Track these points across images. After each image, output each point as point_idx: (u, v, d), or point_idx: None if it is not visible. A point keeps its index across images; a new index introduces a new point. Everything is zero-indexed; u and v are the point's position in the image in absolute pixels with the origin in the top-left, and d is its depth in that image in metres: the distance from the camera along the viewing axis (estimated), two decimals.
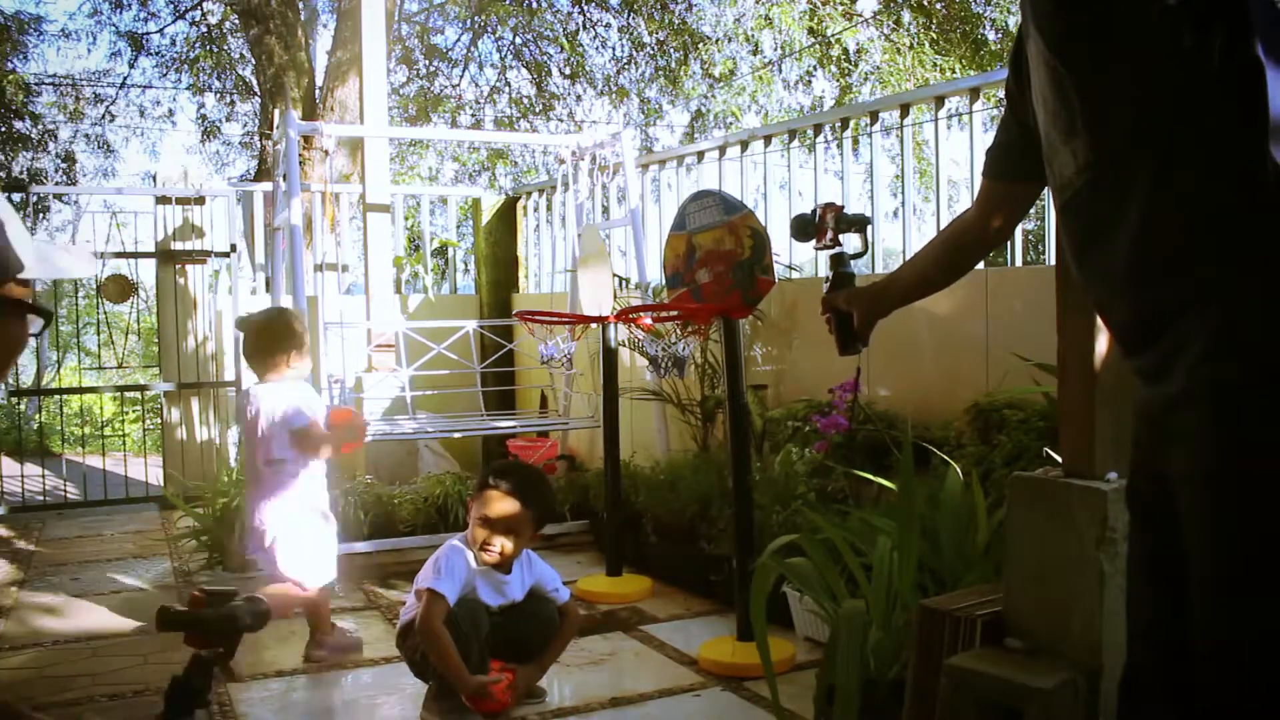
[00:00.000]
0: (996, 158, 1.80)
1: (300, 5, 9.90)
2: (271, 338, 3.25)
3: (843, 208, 2.41)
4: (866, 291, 2.14)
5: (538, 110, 13.09)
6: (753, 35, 10.97)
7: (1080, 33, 1.32)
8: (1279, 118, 1.17)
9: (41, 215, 11.50)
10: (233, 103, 13.13)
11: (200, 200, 6.23)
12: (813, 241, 2.33)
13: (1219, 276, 1.22)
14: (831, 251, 2.36)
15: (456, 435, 5.19)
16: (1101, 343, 1.85)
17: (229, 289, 6.31)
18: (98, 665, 3.30)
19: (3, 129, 11.20)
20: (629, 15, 12.00)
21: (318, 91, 9.15)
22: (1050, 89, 1.40)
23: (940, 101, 4.06)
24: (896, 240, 4.34)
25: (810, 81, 11.57)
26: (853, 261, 2.37)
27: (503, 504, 2.77)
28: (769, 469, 3.83)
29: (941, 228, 2.41)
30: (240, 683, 3.12)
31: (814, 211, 2.40)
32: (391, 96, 12.07)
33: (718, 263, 3.35)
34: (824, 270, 5.02)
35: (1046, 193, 1.69)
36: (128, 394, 7.04)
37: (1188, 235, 1.24)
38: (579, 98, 13.09)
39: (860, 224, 2.41)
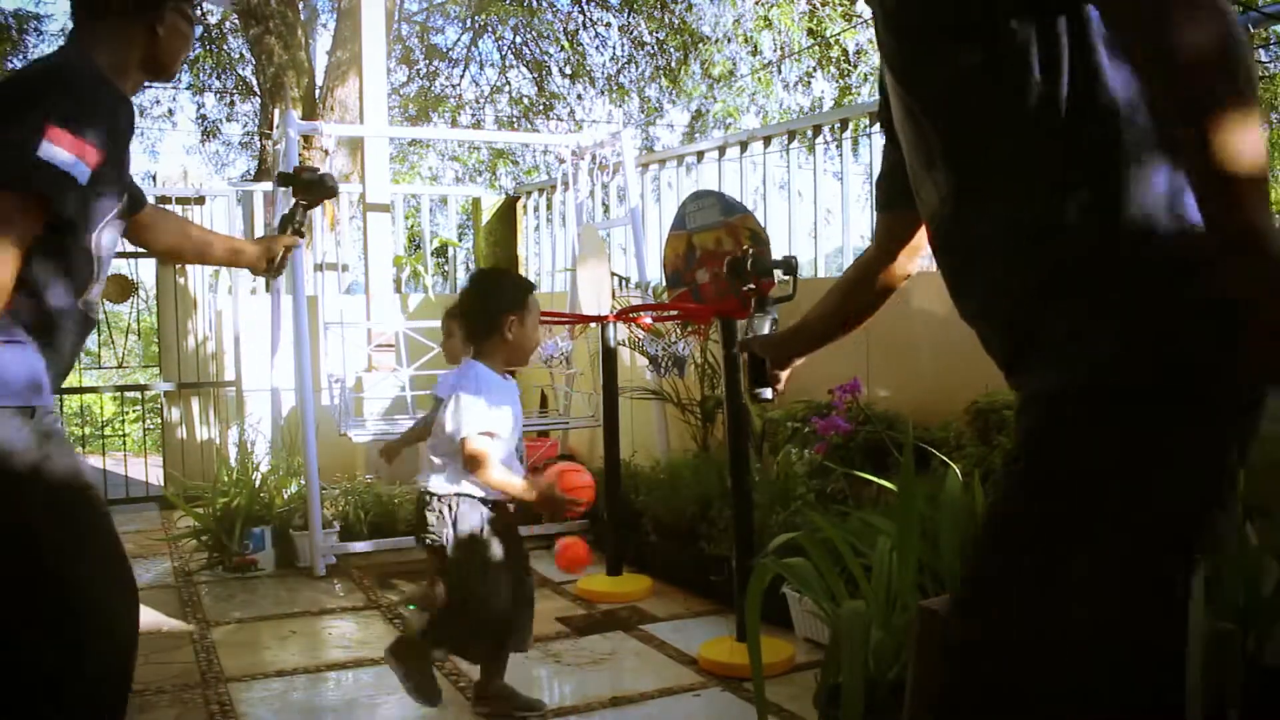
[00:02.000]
0: (883, 188, 1.77)
1: (300, 5, 9.90)
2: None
3: (763, 253, 2.45)
4: (778, 338, 2.16)
5: (538, 110, 13.09)
6: (752, 36, 10.98)
7: (926, 65, 1.30)
8: (1127, 148, 1.18)
9: None
10: (233, 103, 13.13)
11: (200, 200, 6.23)
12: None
13: (1064, 307, 1.23)
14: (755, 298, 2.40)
15: None
16: None
17: (229, 289, 6.31)
18: None
19: None
20: (629, 15, 12.01)
21: (318, 91, 9.16)
22: (907, 120, 1.38)
23: None
24: None
25: (810, 82, 11.58)
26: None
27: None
28: (768, 469, 3.83)
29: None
30: (241, 683, 3.12)
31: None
32: (392, 96, 12.08)
33: (717, 263, 3.35)
34: (824, 270, 5.04)
35: None
36: (128, 394, 7.04)
37: (1036, 266, 1.25)
38: (579, 97, 13.10)
39: (786, 267, 2.43)
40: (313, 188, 2.56)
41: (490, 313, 2.74)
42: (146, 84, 2.07)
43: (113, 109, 1.82)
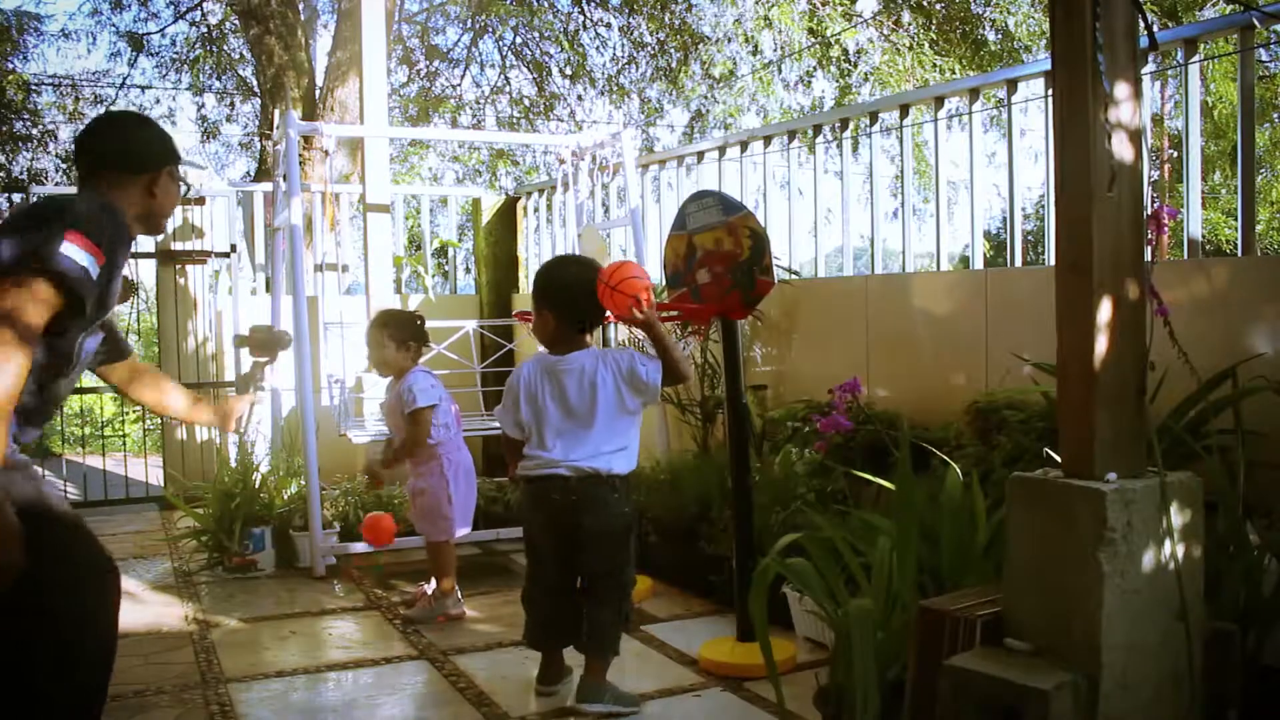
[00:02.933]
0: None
1: (300, 5, 9.90)
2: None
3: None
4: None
5: (539, 110, 13.09)
6: (752, 36, 10.97)
7: None
8: None
9: None
10: (233, 103, 13.13)
11: (200, 201, 6.23)
12: None
13: None
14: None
15: None
16: (1101, 343, 1.85)
17: (229, 289, 6.30)
18: None
19: (3, 129, 11.20)
20: (629, 15, 12.00)
21: (318, 92, 9.15)
22: None
23: (940, 102, 4.06)
24: (896, 241, 4.35)
25: (810, 82, 11.57)
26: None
27: None
28: (769, 469, 3.83)
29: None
30: (241, 683, 3.12)
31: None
32: (392, 97, 12.08)
33: (717, 263, 3.35)
34: (823, 271, 5.04)
35: (1047, 192, 1.69)
36: None
37: None
38: (580, 98, 13.09)
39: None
40: (268, 345, 2.86)
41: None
42: (144, 235, 2.37)
43: (119, 234, 2.09)
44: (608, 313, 2.91)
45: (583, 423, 2.87)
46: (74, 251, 1.95)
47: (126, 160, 2.24)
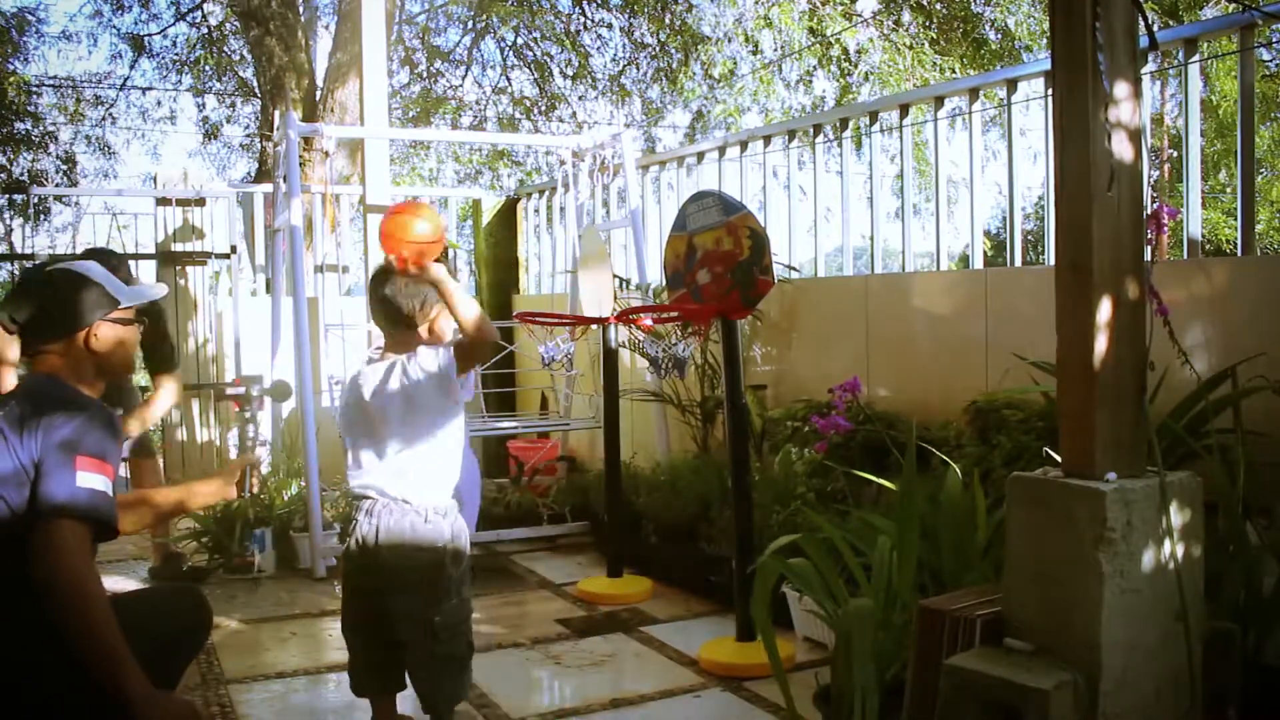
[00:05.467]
0: None
1: (300, 7, 9.90)
2: None
3: None
4: None
5: (540, 111, 13.09)
6: (753, 35, 10.97)
7: None
8: None
9: (42, 217, 11.50)
10: (233, 105, 13.14)
11: (201, 202, 6.23)
12: None
13: None
14: None
15: None
16: (1101, 343, 1.85)
17: (229, 290, 6.30)
18: None
19: (3, 130, 11.20)
20: (630, 15, 12.00)
21: (318, 93, 9.15)
22: None
23: (940, 102, 4.06)
24: (896, 240, 4.35)
25: (810, 82, 11.57)
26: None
27: None
28: (768, 469, 3.83)
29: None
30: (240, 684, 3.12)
31: None
32: (393, 98, 12.08)
33: (717, 263, 3.35)
34: (823, 271, 5.04)
35: (1047, 192, 1.70)
36: None
37: None
38: (581, 98, 13.09)
39: None
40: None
41: None
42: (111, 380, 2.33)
43: (113, 435, 2.13)
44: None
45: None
46: (89, 480, 2.00)
47: (47, 330, 2.18)
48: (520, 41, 12.86)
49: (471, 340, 2.42)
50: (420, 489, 2.47)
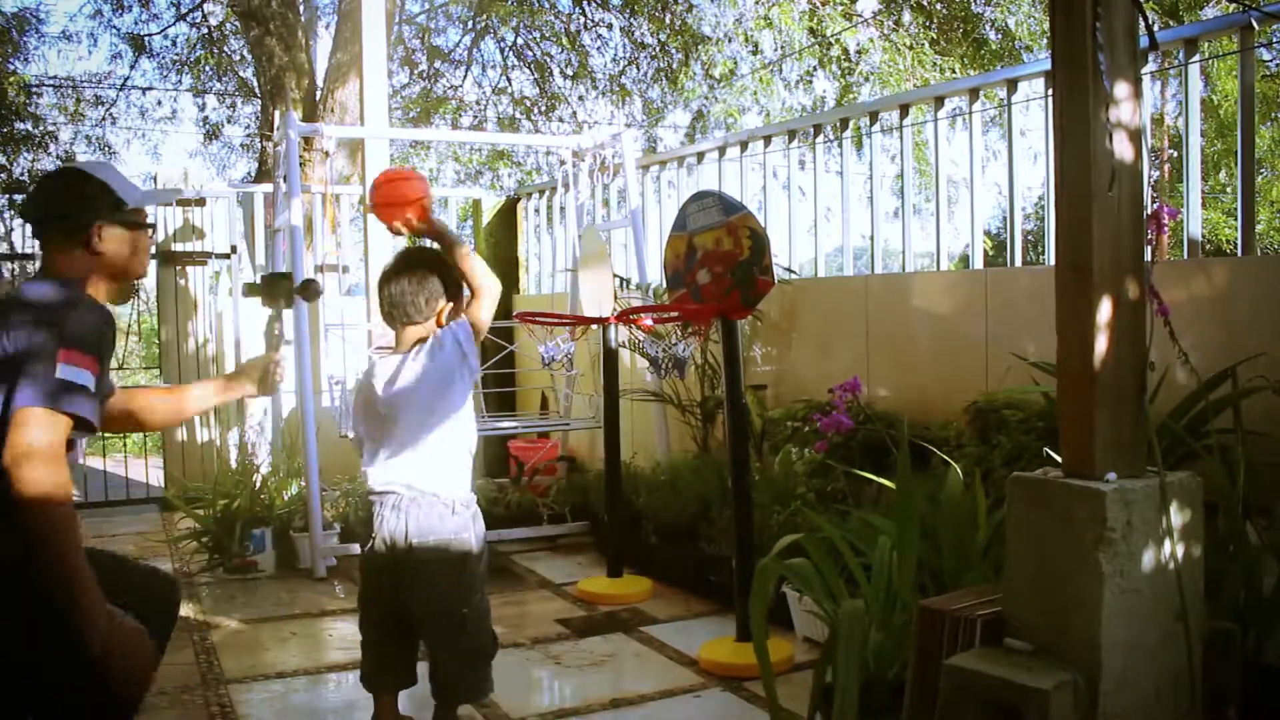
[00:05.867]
0: None
1: (300, 6, 9.90)
2: None
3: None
4: None
5: (540, 111, 13.09)
6: (753, 35, 10.97)
7: None
8: None
9: None
10: (234, 105, 13.14)
11: (201, 202, 6.23)
12: None
13: None
14: None
15: None
16: (1101, 343, 1.85)
17: (229, 290, 6.31)
18: None
19: (4, 130, 11.20)
20: (630, 15, 12.00)
21: (318, 93, 9.15)
22: None
23: (940, 102, 4.06)
24: (897, 240, 4.35)
25: (810, 82, 11.56)
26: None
27: None
28: (768, 469, 3.83)
29: None
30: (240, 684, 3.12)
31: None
32: (393, 98, 12.08)
33: (717, 263, 3.35)
34: (823, 271, 5.04)
35: (1047, 192, 1.70)
36: None
37: None
38: (581, 98, 13.09)
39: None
40: (272, 292, 2.78)
41: None
42: (123, 284, 2.30)
43: (104, 332, 2.10)
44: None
45: None
46: (72, 374, 1.97)
47: (54, 230, 2.18)
48: (520, 42, 12.87)
49: (479, 289, 2.51)
50: (447, 482, 2.50)
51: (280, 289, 2.77)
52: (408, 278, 2.50)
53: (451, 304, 2.57)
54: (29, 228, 2.24)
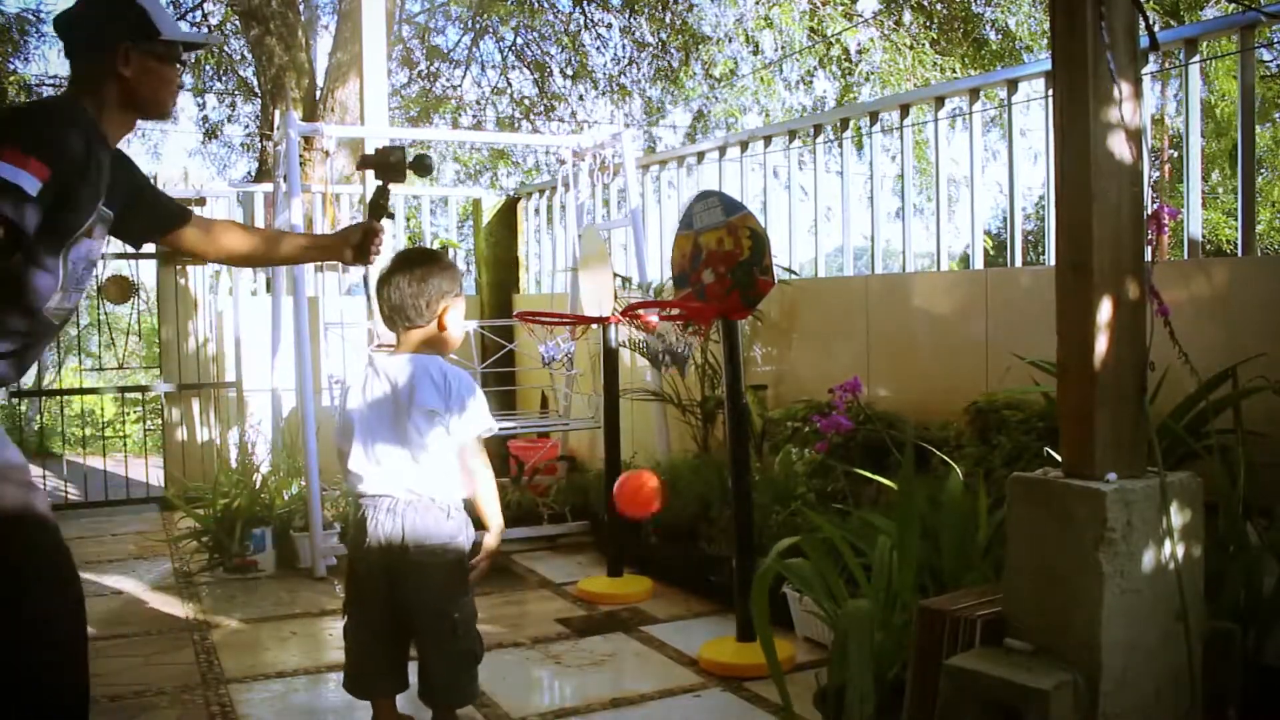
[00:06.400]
0: None
1: (300, 6, 9.90)
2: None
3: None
4: None
5: (539, 110, 13.09)
6: (753, 35, 10.97)
7: None
8: None
9: None
10: (234, 104, 13.14)
11: (201, 201, 6.23)
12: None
13: None
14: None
15: None
16: (1101, 343, 1.85)
17: (230, 290, 6.31)
18: (99, 666, 3.29)
19: None
20: (630, 15, 12.00)
21: (318, 92, 9.16)
22: None
23: (940, 102, 4.06)
24: (897, 240, 4.35)
25: (811, 82, 11.57)
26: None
27: None
28: (769, 469, 3.83)
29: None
30: (240, 683, 3.12)
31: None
32: (393, 97, 12.08)
33: (718, 263, 3.35)
34: (823, 271, 5.04)
35: (1047, 192, 1.70)
36: (128, 395, 7.04)
37: None
38: (581, 98, 13.09)
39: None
40: (386, 167, 2.65)
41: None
42: (145, 121, 2.23)
43: (65, 134, 1.97)
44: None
45: None
46: (7, 172, 1.83)
47: (80, 44, 2.08)
48: (520, 42, 12.87)
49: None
50: (442, 485, 2.48)
51: (394, 161, 2.70)
52: (406, 279, 2.49)
53: (453, 303, 2.56)
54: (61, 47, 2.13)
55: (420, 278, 2.49)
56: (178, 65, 2.21)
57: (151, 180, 2.48)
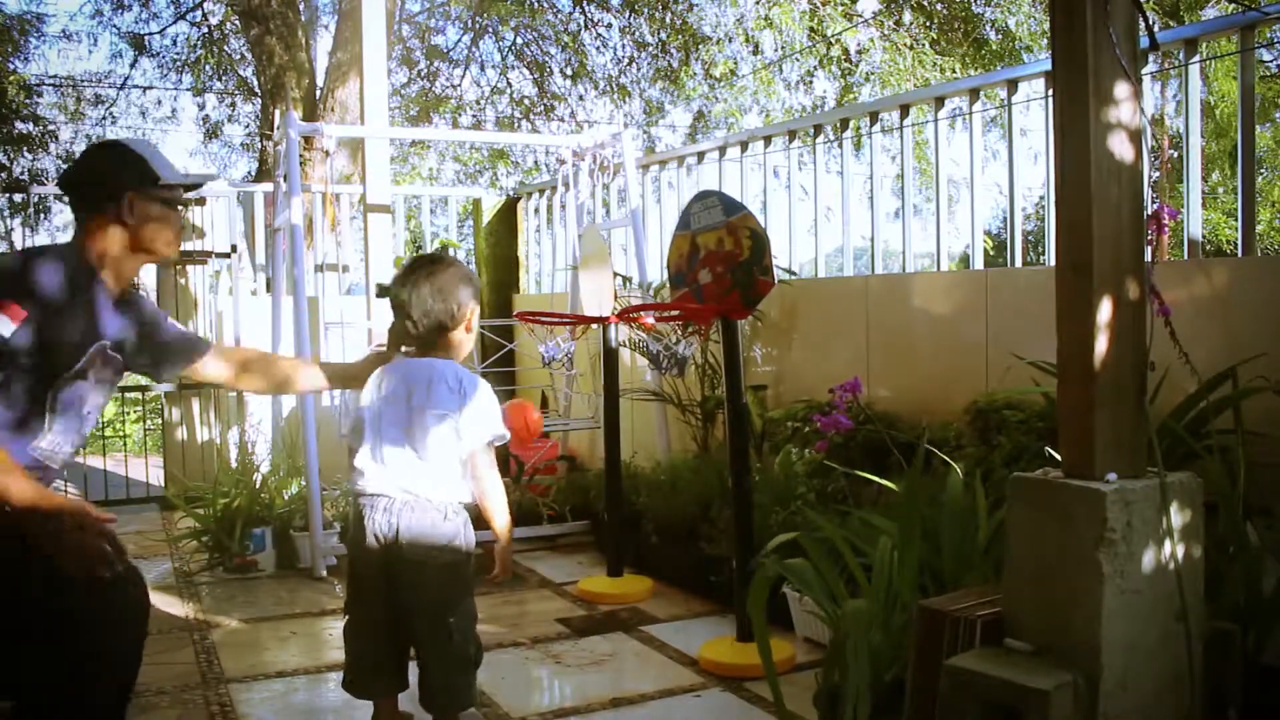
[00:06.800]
0: None
1: (301, 6, 9.90)
2: None
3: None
4: None
5: (539, 110, 13.09)
6: (753, 35, 10.97)
7: None
8: None
9: (43, 215, 11.50)
10: (234, 104, 13.14)
11: (201, 201, 6.23)
12: None
13: None
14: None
15: None
16: (1101, 343, 1.85)
17: (229, 290, 6.30)
18: None
19: (4, 130, 11.20)
20: (630, 15, 12.00)
21: (318, 92, 9.16)
22: None
23: (940, 102, 4.06)
24: (897, 240, 4.35)
25: (811, 82, 11.57)
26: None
27: None
28: (769, 469, 3.83)
29: None
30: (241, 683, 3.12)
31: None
32: (393, 97, 12.08)
33: (718, 263, 3.35)
34: (823, 271, 5.04)
35: (1047, 192, 1.70)
36: (128, 394, 7.04)
37: None
38: (581, 98, 13.09)
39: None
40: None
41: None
42: (151, 262, 2.38)
43: (51, 279, 2.08)
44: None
45: None
46: None
47: (85, 195, 2.22)
48: (520, 41, 12.87)
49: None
50: (442, 487, 2.48)
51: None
52: (436, 286, 2.50)
53: (473, 310, 2.60)
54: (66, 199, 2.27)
55: (449, 285, 2.51)
56: (180, 207, 2.33)
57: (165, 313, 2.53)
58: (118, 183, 2.19)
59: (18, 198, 9.62)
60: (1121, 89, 1.87)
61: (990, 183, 11.44)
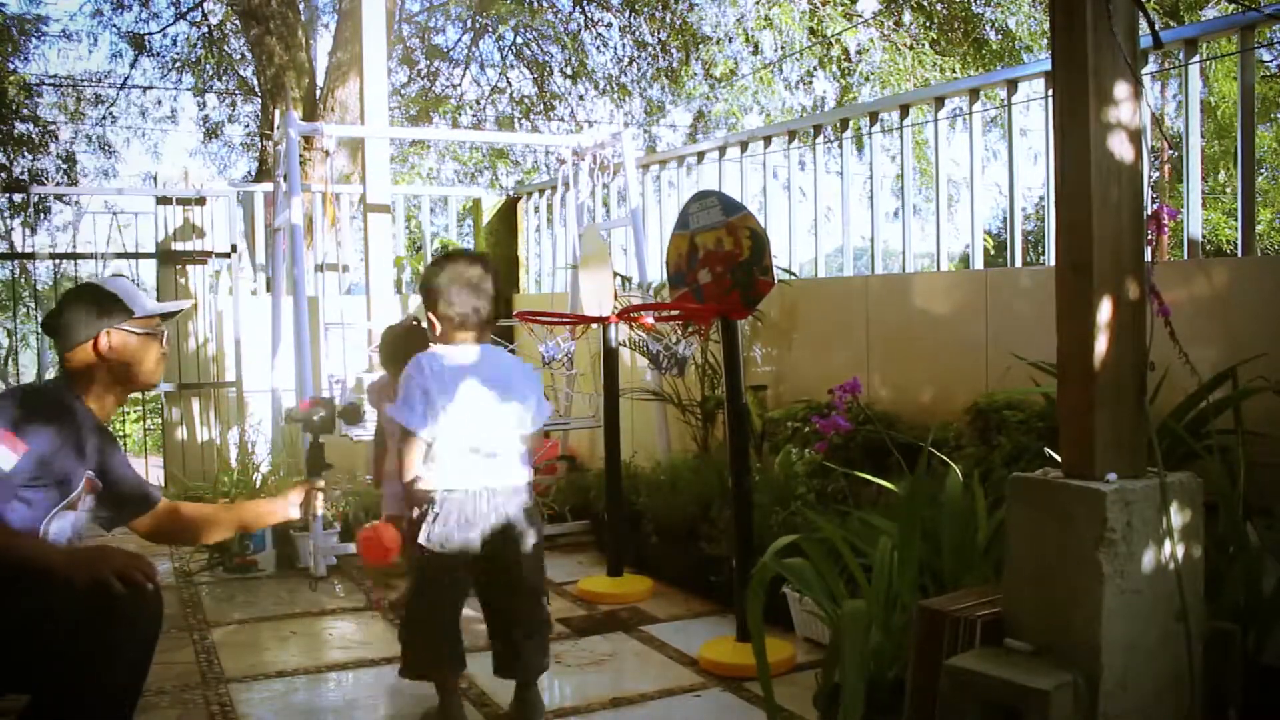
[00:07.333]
0: None
1: (301, 5, 9.90)
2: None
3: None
4: None
5: (539, 110, 13.09)
6: (753, 35, 10.97)
7: None
8: None
9: (42, 216, 11.51)
10: (234, 104, 13.15)
11: (201, 201, 6.23)
12: None
13: None
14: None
15: None
16: (1101, 343, 1.85)
17: (229, 289, 6.30)
18: None
19: (4, 130, 11.20)
20: (630, 15, 12.01)
21: (318, 92, 9.16)
22: None
23: (940, 102, 4.06)
24: (897, 240, 4.35)
25: (811, 82, 11.57)
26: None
27: None
28: (768, 469, 3.83)
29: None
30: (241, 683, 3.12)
31: None
32: (393, 97, 12.08)
33: (717, 263, 3.35)
34: (823, 271, 5.04)
35: (1047, 192, 1.70)
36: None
37: None
38: (581, 98, 13.09)
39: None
40: (316, 423, 2.99)
41: None
42: (134, 392, 2.54)
43: (51, 418, 2.23)
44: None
45: None
46: None
47: (65, 336, 2.34)
48: (520, 41, 12.87)
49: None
50: (524, 473, 2.67)
51: (320, 419, 2.99)
52: (488, 282, 2.65)
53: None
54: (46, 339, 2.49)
55: (493, 280, 2.66)
56: (157, 336, 2.44)
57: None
58: (93, 322, 2.33)
59: (18, 198, 9.63)
60: (1122, 89, 1.87)
61: (990, 183, 11.45)
